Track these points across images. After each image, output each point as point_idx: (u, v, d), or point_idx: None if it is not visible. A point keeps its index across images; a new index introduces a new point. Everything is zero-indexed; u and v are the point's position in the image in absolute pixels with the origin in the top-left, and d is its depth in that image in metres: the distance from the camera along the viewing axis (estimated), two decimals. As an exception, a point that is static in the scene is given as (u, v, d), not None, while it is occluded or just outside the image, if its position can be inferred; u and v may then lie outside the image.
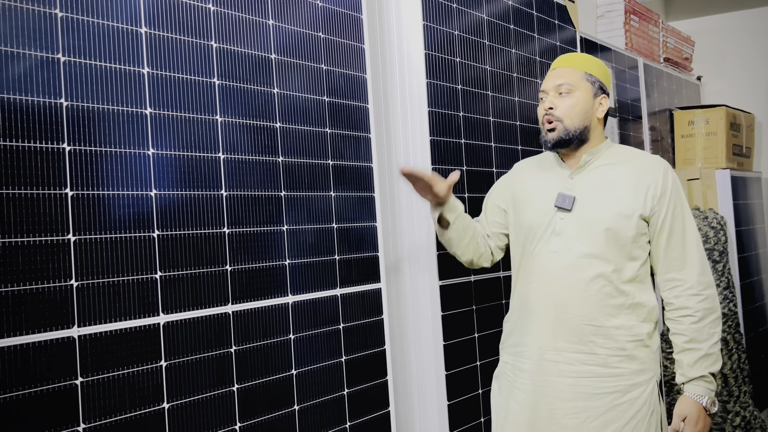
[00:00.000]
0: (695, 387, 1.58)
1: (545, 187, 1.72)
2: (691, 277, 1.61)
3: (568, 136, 1.65)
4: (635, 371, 1.61)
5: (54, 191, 1.24)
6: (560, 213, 1.65)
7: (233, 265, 1.53)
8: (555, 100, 1.67)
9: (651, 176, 1.64)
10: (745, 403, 3.30)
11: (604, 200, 1.63)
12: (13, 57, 1.20)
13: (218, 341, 1.49)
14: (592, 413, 1.59)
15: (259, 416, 1.56)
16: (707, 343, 1.58)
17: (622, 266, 1.61)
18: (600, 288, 1.60)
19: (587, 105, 1.67)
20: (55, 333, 1.22)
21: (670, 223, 1.62)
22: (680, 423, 1.57)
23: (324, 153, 1.78)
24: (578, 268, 1.61)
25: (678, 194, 1.65)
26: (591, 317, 1.60)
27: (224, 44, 1.56)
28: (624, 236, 1.60)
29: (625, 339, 1.60)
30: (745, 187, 3.80)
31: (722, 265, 3.37)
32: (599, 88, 1.70)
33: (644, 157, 1.71)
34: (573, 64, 1.71)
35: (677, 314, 1.62)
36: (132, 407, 1.33)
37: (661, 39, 3.85)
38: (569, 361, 1.62)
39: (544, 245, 1.67)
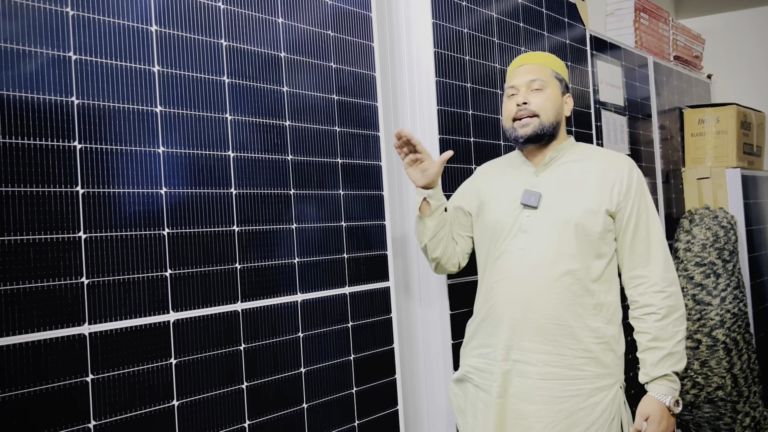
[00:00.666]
0: (659, 386, 1.55)
1: (510, 186, 1.70)
2: (655, 273, 1.59)
3: (542, 131, 1.63)
4: (599, 375, 1.58)
5: (65, 189, 1.25)
6: (526, 210, 1.63)
7: (242, 263, 1.54)
8: (528, 95, 1.65)
9: (616, 172, 1.63)
10: (755, 404, 3.28)
11: (570, 196, 1.61)
12: (24, 55, 1.21)
13: (227, 339, 1.49)
14: (556, 417, 1.56)
15: (267, 414, 1.56)
16: (671, 341, 1.55)
17: (589, 264, 1.59)
18: (567, 286, 1.57)
19: (558, 102, 1.67)
20: (66, 330, 1.23)
21: (636, 219, 1.61)
22: (643, 422, 1.54)
23: (333, 151, 1.78)
24: (545, 265, 1.58)
25: (642, 191, 1.64)
26: (557, 315, 1.57)
27: (234, 42, 1.56)
28: (591, 232, 1.58)
29: (590, 340, 1.58)
30: (756, 186, 3.78)
31: (732, 264, 3.35)
32: (565, 86, 1.71)
33: (609, 154, 1.70)
34: (541, 61, 1.70)
35: (641, 312, 1.59)
36: (142, 404, 1.33)
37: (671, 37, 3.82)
38: (534, 362, 1.58)
39: (511, 243, 1.64)
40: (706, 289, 3.30)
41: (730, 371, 3.21)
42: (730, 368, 3.21)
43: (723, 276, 3.32)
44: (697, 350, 3.26)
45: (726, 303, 3.28)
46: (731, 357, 3.23)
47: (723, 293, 3.29)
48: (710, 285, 3.30)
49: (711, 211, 3.44)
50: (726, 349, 3.23)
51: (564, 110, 1.70)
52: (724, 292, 3.29)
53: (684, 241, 3.40)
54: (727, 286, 3.31)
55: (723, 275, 3.32)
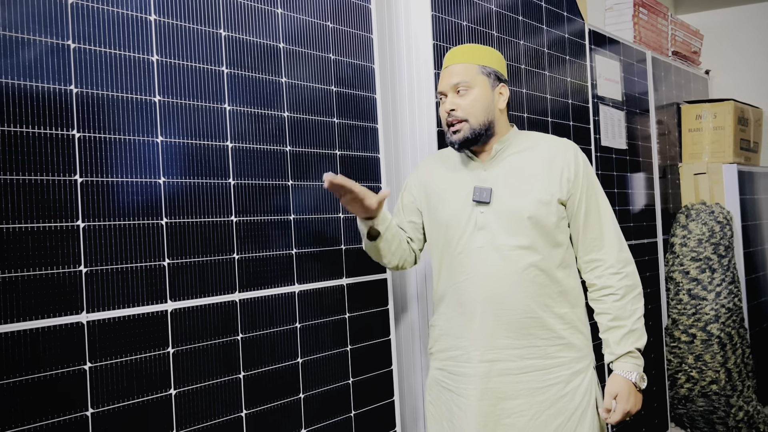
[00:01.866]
0: (623, 364, 1.58)
1: (459, 182, 1.67)
2: (610, 256, 1.62)
3: (474, 135, 1.61)
4: (574, 359, 1.61)
5: (63, 178, 1.25)
6: (479, 207, 1.62)
7: (240, 254, 1.54)
8: (455, 99, 1.62)
9: (562, 159, 1.63)
10: (749, 398, 3.30)
11: (521, 189, 1.61)
12: (23, 43, 1.21)
13: (225, 329, 1.50)
14: (539, 408, 1.57)
15: (265, 404, 1.57)
16: (631, 319, 1.58)
17: (548, 253, 1.60)
18: (533, 278, 1.58)
19: (487, 99, 1.63)
20: (64, 318, 1.23)
21: (586, 204, 1.62)
22: (612, 401, 1.57)
23: (331, 143, 1.79)
24: (508, 260, 1.58)
25: (589, 175, 1.64)
26: (528, 309, 1.58)
27: (233, 33, 1.56)
28: (547, 222, 1.59)
29: (560, 327, 1.60)
30: (752, 182, 3.79)
31: (728, 260, 3.37)
32: (496, 78, 1.66)
33: (552, 140, 1.69)
34: (465, 59, 1.65)
35: (600, 294, 1.62)
36: (139, 393, 1.34)
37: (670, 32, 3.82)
38: (510, 358, 1.59)
39: (468, 242, 1.62)
40: (702, 284, 3.31)
41: (724, 365, 3.23)
42: (724, 362, 3.23)
43: (718, 271, 3.33)
44: (692, 344, 3.27)
45: (721, 298, 3.29)
46: (726, 351, 3.25)
47: (718, 288, 3.31)
48: (705, 280, 3.31)
49: (707, 207, 3.45)
50: (720, 343, 3.25)
51: (498, 103, 1.65)
52: (719, 287, 3.31)
53: (680, 236, 3.41)
54: (722, 281, 3.32)
55: (718, 270, 3.33)
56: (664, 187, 3.48)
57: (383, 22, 2.04)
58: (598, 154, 2.87)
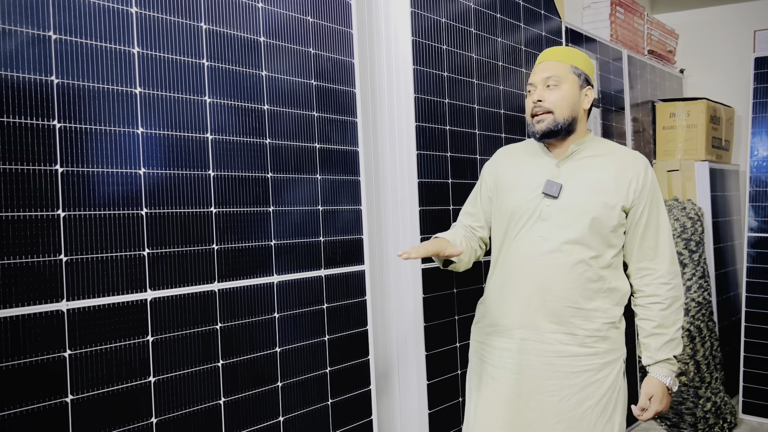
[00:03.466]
0: (661, 368, 1.70)
1: (531, 174, 1.77)
2: (662, 266, 1.72)
3: (557, 127, 1.71)
4: (607, 350, 1.71)
5: (44, 167, 1.26)
6: (546, 200, 1.71)
7: (220, 244, 1.56)
8: (543, 92, 1.72)
9: (633, 170, 1.72)
10: (717, 389, 3.40)
11: (589, 190, 1.70)
12: (4, 33, 1.22)
13: (204, 318, 1.52)
14: (570, 391, 1.68)
15: (243, 392, 1.60)
16: (672, 328, 1.70)
17: (601, 253, 1.69)
18: (581, 272, 1.68)
19: (574, 97, 1.73)
20: (44, 306, 1.25)
21: (647, 216, 1.72)
22: (647, 401, 1.69)
23: (311, 136, 1.81)
24: (562, 253, 1.68)
25: (655, 189, 1.75)
26: (572, 299, 1.68)
27: (214, 26, 1.58)
28: (606, 225, 1.68)
29: (601, 321, 1.70)
30: (723, 180, 3.88)
31: (698, 255, 3.45)
32: (585, 80, 1.76)
33: (627, 151, 1.79)
34: (560, 57, 1.75)
35: (647, 301, 1.72)
36: (119, 380, 1.36)
37: (646, 31, 3.90)
38: (549, 341, 1.69)
39: (530, 230, 1.72)
40: (673, 278, 3.39)
41: (693, 358, 3.32)
42: (693, 355, 3.32)
43: (689, 266, 3.42)
44: (663, 337, 3.35)
45: (691, 292, 3.38)
46: (695, 344, 3.34)
47: (689, 282, 3.39)
48: (677, 274, 3.39)
49: (679, 203, 3.53)
50: (690, 336, 3.33)
51: (583, 103, 1.75)
52: (689, 281, 3.39)
53: (653, 231, 3.49)
54: (692, 276, 3.41)
55: (689, 265, 3.42)
56: (637, 183, 3.55)
57: (363, 18, 2.06)
58: (574, 151, 2.92)
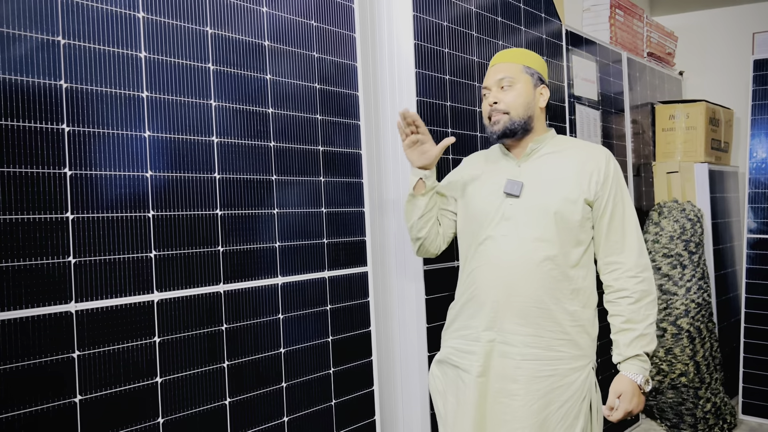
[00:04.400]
0: (630, 366, 1.64)
1: (494, 176, 1.77)
2: (629, 260, 1.69)
3: (513, 127, 1.71)
4: (575, 356, 1.67)
5: (53, 170, 1.28)
6: (509, 199, 1.70)
7: (225, 246, 1.58)
8: (498, 94, 1.72)
9: (594, 163, 1.71)
10: (716, 390, 3.41)
11: (551, 186, 1.69)
12: (14, 39, 1.23)
13: (210, 319, 1.54)
14: (535, 395, 1.65)
15: (248, 392, 1.61)
16: (643, 323, 1.65)
17: (568, 251, 1.67)
18: (547, 271, 1.66)
19: (529, 96, 1.73)
20: (53, 308, 1.27)
21: (612, 208, 1.70)
22: (615, 399, 1.63)
23: (314, 139, 1.83)
24: (527, 251, 1.66)
25: (619, 181, 1.72)
26: (538, 299, 1.66)
27: (219, 30, 1.59)
28: (571, 220, 1.67)
29: (567, 323, 1.67)
30: (722, 181, 3.90)
31: (698, 256, 3.47)
32: (538, 79, 1.76)
33: (588, 145, 1.78)
34: (511, 59, 1.76)
35: (616, 296, 1.69)
36: (126, 381, 1.37)
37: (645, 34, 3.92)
38: (515, 343, 1.66)
39: (494, 230, 1.71)
40: (672, 279, 3.41)
41: (693, 359, 3.34)
42: (693, 356, 3.34)
43: (689, 267, 3.43)
44: (662, 338, 3.37)
45: (691, 293, 3.40)
46: (695, 345, 3.35)
47: (688, 284, 3.41)
48: (676, 276, 3.41)
49: (679, 204, 3.55)
50: (690, 337, 3.35)
51: (539, 102, 1.75)
52: (689, 282, 3.41)
53: (652, 232, 3.51)
54: (692, 277, 3.43)
55: (689, 266, 3.44)
56: (638, 185, 3.58)
57: (366, 22, 2.08)
58: (574, 153, 2.94)
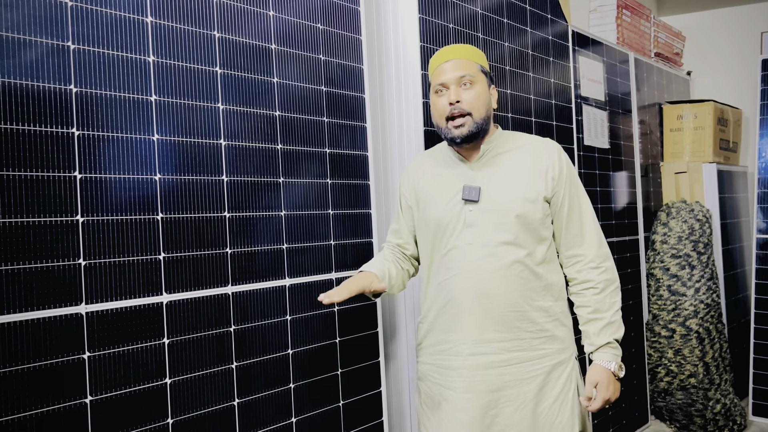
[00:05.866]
0: (603, 354, 1.64)
1: (448, 181, 1.71)
2: (590, 251, 1.69)
3: (477, 129, 1.64)
4: (557, 350, 1.67)
5: (63, 174, 1.29)
6: (468, 205, 1.66)
7: (233, 248, 1.59)
8: (460, 92, 1.64)
9: (546, 158, 1.69)
10: (726, 391, 3.40)
11: (508, 187, 1.66)
12: (25, 44, 1.25)
13: (218, 320, 1.55)
14: (525, 398, 1.64)
15: (256, 393, 1.62)
16: (609, 312, 1.66)
17: (533, 249, 1.66)
18: (518, 273, 1.64)
19: (487, 96, 1.68)
20: (64, 309, 1.28)
21: (569, 202, 1.69)
22: (593, 389, 1.63)
23: (321, 141, 1.84)
24: (495, 256, 1.63)
25: (572, 173, 1.71)
26: (514, 303, 1.64)
27: (226, 34, 1.61)
28: (533, 220, 1.65)
29: (545, 320, 1.67)
30: (731, 181, 3.88)
31: (707, 257, 3.46)
32: (490, 78, 1.73)
33: (536, 140, 1.74)
34: (467, 56, 1.69)
35: (580, 288, 1.69)
36: (136, 381, 1.39)
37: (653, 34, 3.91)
38: (496, 350, 1.64)
39: (458, 239, 1.66)
40: (681, 280, 3.40)
41: (702, 360, 3.32)
42: (702, 357, 3.32)
43: (697, 268, 3.42)
44: (672, 339, 3.36)
45: (700, 294, 3.38)
46: (704, 346, 3.34)
47: (697, 284, 3.40)
48: (685, 276, 3.40)
49: (687, 205, 3.54)
50: (699, 338, 3.34)
51: (492, 103, 1.71)
52: (698, 283, 3.40)
53: (661, 233, 3.50)
54: (701, 278, 3.41)
55: (697, 267, 3.42)
56: (645, 185, 3.57)
57: (372, 24, 2.09)
58: (581, 153, 2.94)
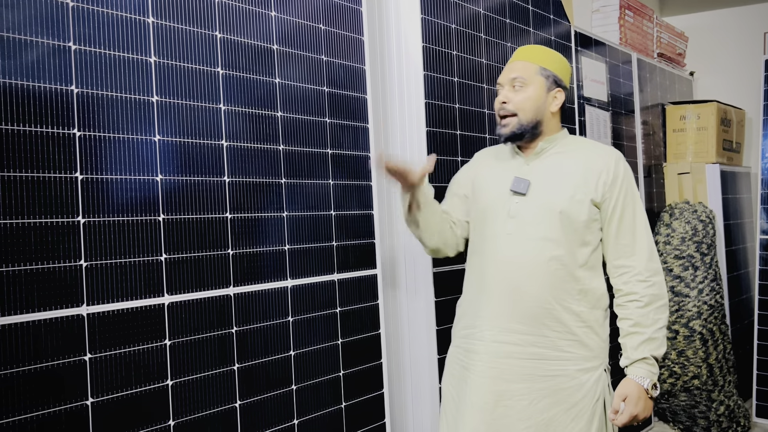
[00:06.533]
0: (637, 369, 1.60)
1: (502, 173, 1.76)
2: (639, 263, 1.66)
3: (520, 130, 1.69)
4: (584, 357, 1.65)
5: (65, 175, 1.29)
6: (515, 197, 1.69)
7: (235, 249, 1.59)
8: (509, 93, 1.70)
9: (602, 163, 1.69)
10: (730, 393, 3.38)
11: (557, 185, 1.67)
12: (26, 45, 1.25)
13: (220, 322, 1.55)
14: (539, 394, 1.62)
15: (258, 395, 1.62)
16: (651, 327, 1.62)
17: (574, 251, 1.65)
18: (553, 271, 1.63)
19: (540, 99, 1.70)
20: (65, 311, 1.28)
21: (621, 210, 1.67)
22: (620, 403, 1.60)
23: (323, 142, 1.83)
24: (533, 250, 1.64)
25: (629, 183, 1.70)
26: (543, 300, 1.63)
27: (228, 35, 1.60)
28: (576, 220, 1.64)
29: (575, 324, 1.64)
30: (734, 182, 3.87)
31: (710, 257, 3.45)
32: (553, 82, 1.72)
33: (598, 146, 1.75)
34: (529, 58, 1.73)
35: (625, 299, 1.66)
36: (138, 383, 1.38)
37: (655, 34, 3.90)
38: (520, 342, 1.64)
39: (500, 227, 1.69)
40: (684, 281, 3.39)
41: (706, 361, 3.31)
42: (706, 358, 3.31)
43: (701, 269, 3.41)
44: (675, 340, 3.35)
45: (703, 295, 3.37)
46: (707, 347, 3.33)
47: (700, 285, 3.39)
48: (688, 277, 3.39)
49: (690, 206, 3.53)
50: (702, 339, 3.32)
51: (550, 106, 1.72)
52: (701, 284, 3.39)
53: (664, 234, 3.49)
54: (704, 279, 3.40)
55: (701, 268, 3.41)
56: (648, 186, 3.56)
57: (374, 25, 2.09)
58: (584, 154, 2.93)
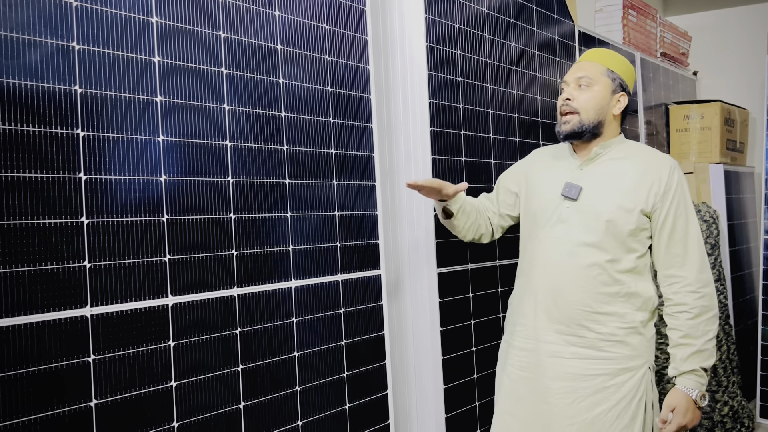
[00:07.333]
0: (686, 380, 1.62)
1: (555, 176, 1.79)
2: (690, 274, 1.65)
3: (581, 129, 1.71)
4: (627, 356, 1.66)
5: (68, 175, 1.28)
6: (566, 201, 1.72)
7: (239, 250, 1.58)
8: (574, 92, 1.73)
9: (656, 173, 1.68)
10: (734, 393, 3.37)
11: (608, 193, 1.69)
12: (29, 45, 1.24)
13: (224, 323, 1.54)
14: (581, 393, 1.65)
15: (262, 396, 1.61)
16: (701, 339, 1.62)
17: (619, 257, 1.66)
18: (595, 276, 1.66)
19: (604, 100, 1.72)
20: (69, 312, 1.27)
21: (673, 220, 1.66)
22: (669, 413, 1.61)
23: (327, 142, 1.83)
24: (576, 255, 1.67)
25: (683, 193, 1.69)
26: (584, 303, 1.66)
27: (232, 34, 1.60)
28: (623, 229, 1.65)
29: (616, 325, 1.66)
30: (738, 182, 3.86)
31: (714, 258, 3.43)
32: (619, 85, 1.74)
33: (653, 154, 1.74)
34: (597, 59, 1.76)
35: (674, 310, 1.67)
36: (141, 385, 1.38)
37: (659, 34, 3.89)
38: (561, 342, 1.69)
39: (549, 231, 1.74)
40: (688, 281, 3.37)
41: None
42: (710, 358, 3.30)
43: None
44: (679, 341, 3.34)
45: (707, 295, 3.36)
46: (711, 348, 3.32)
47: (704, 286, 3.37)
48: (692, 277, 3.38)
49: (694, 206, 3.52)
50: (706, 339, 3.31)
51: (613, 109, 1.74)
52: (705, 284, 3.37)
53: (667, 234, 3.47)
54: (708, 279, 3.39)
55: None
56: (652, 186, 3.54)
57: (378, 24, 2.08)
58: (588, 154, 2.92)
